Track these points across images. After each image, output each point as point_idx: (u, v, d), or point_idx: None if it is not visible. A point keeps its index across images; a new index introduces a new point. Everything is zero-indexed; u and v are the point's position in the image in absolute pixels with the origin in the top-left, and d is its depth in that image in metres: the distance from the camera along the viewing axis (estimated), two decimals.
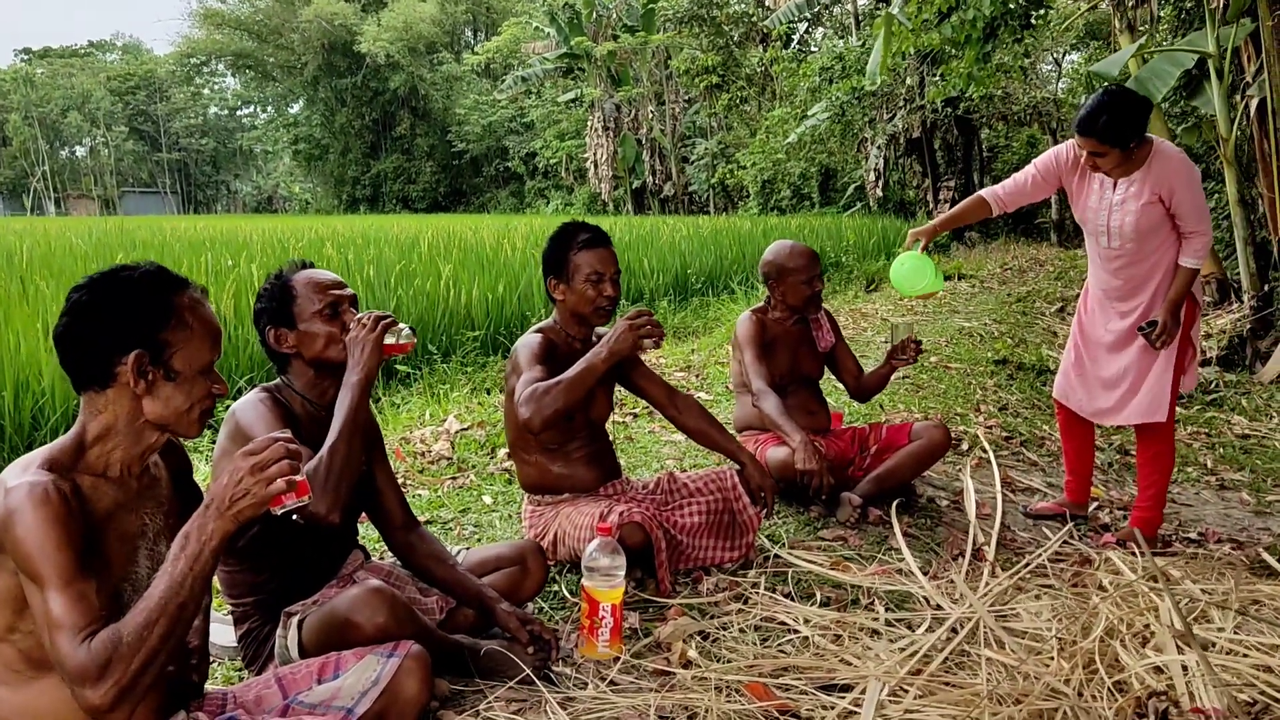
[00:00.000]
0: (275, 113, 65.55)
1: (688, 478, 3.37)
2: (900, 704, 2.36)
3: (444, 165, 52.08)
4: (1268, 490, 4.90)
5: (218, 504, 1.67)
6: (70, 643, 1.58)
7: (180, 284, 1.81)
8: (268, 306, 2.42)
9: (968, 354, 7.05)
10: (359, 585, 2.14)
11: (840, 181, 26.96)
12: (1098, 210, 3.69)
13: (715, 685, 2.42)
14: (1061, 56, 22.09)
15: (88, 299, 1.75)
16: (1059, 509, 4.15)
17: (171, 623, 1.62)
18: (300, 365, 2.42)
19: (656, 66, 32.95)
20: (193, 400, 1.79)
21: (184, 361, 1.77)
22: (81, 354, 1.76)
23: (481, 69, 47.18)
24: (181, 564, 1.65)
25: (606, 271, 3.07)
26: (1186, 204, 3.55)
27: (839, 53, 21.10)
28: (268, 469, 1.68)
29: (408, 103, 52.57)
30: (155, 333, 1.75)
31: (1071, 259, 13.92)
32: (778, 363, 3.91)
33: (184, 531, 1.68)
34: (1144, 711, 2.35)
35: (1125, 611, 2.83)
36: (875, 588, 3.08)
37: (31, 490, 1.63)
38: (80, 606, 1.60)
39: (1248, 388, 7.17)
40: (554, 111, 40.05)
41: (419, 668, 2.05)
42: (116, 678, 1.57)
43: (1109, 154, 3.49)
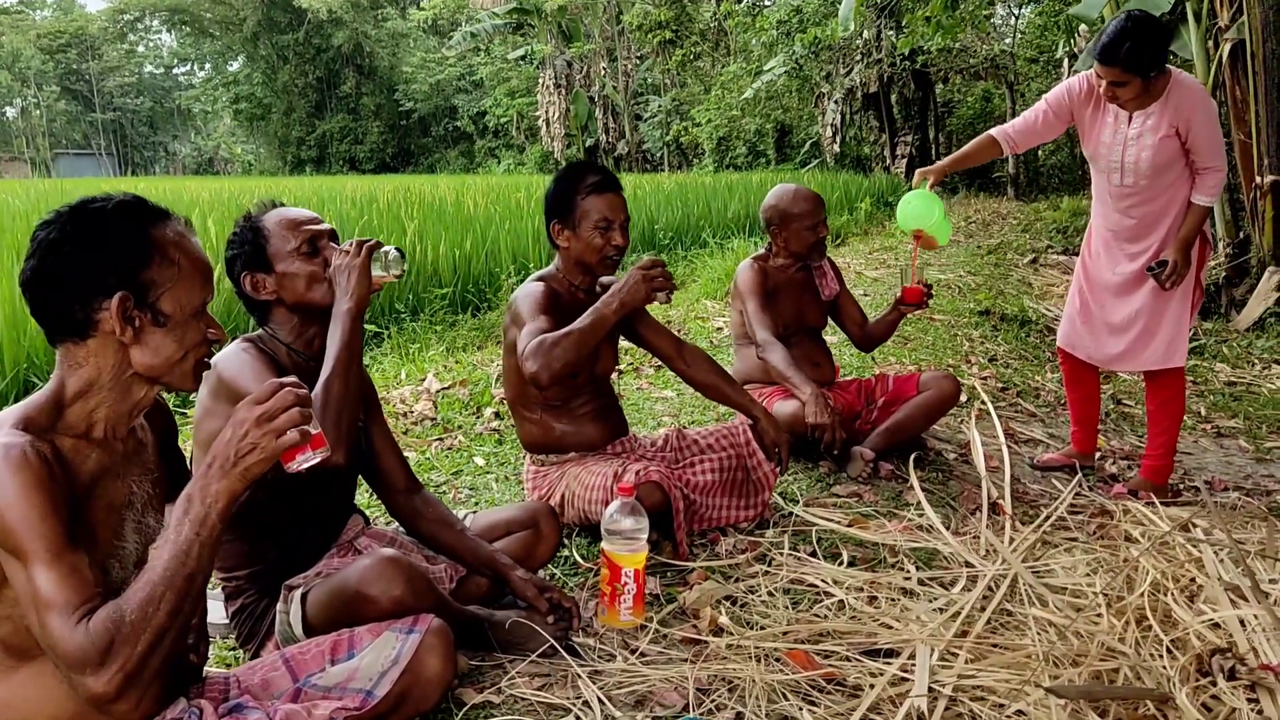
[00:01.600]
0: (213, 71, 63.73)
1: (697, 434, 3.19)
2: (951, 668, 2.22)
3: (391, 125, 51.10)
4: (1264, 437, 4.84)
5: (221, 461, 1.46)
6: (64, 624, 1.36)
7: (161, 215, 1.58)
8: (240, 252, 2.17)
9: (950, 305, 6.93)
10: (370, 554, 1.93)
11: (796, 138, 26.80)
12: (1111, 145, 3.53)
13: (752, 654, 2.25)
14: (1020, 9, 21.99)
15: (57, 236, 1.51)
16: (1067, 460, 4.05)
17: (180, 597, 1.42)
18: (283, 312, 2.18)
19: (608, 22, 32.44)
20: (186, 347, 1.57)
21: (173, 303, 1.54)
22: (55, 300, 1.52)
23: (428, 25, 46.12)
24: (186, 530, 1.44)
25: (616, 219, 2.85)
26: (1204, 137, 3.41)
27: (796, 5, 20.82)
28: (276, 419, 1.47)
29: (352, 60, 51.37)
30: (138, 271, 1.51)
31: (1035, 212, 13.90)
32: (781, 312, 3.73)
33: (185, 495, 1.47)
34: (1207, 669, 2.23)
35: (1168, 565, 2.71)
36: (900, 545, 2.93)
37: (7, 452, 1.40)
38: (73, 582, 1.39)
39: (1225, 335, 7.15)
40: (504, 69, 39.39)
41: (441, 644, 1.86)
42: (121, 662, 1.36)
43: (1130, 83, 3.31)
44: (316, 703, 1.72)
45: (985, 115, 24.93)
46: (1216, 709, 2.07)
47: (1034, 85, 23.22)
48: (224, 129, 66.64)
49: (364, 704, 1.75)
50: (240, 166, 62.23)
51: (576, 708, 2.03)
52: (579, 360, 2.64)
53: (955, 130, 25.86)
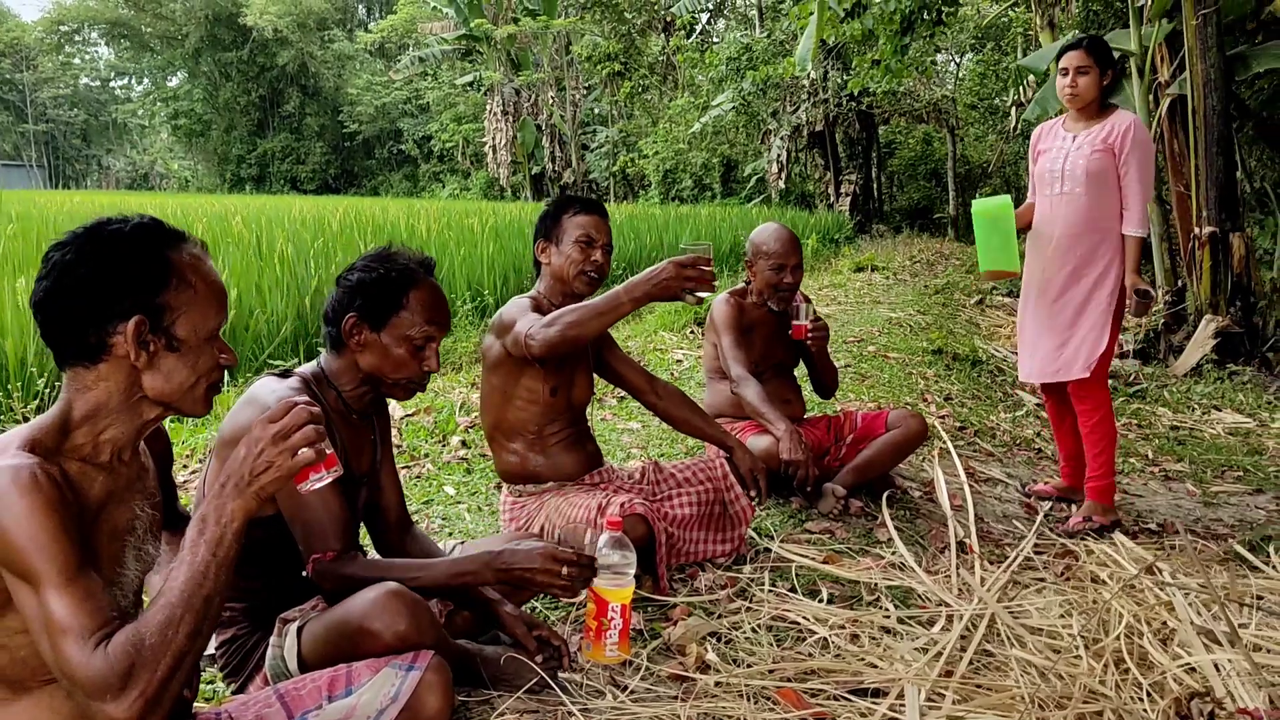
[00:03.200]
0: (152, 85, 62.61)
1: (674, 467, 3.18)
2: (939, 709, 2.23)
3: (334, 146, 50.63)
4: (1210, 481, 4.96)
5: (236, 480, 1.44)
6: (81, 650, 1.32)
7: (177, 237, 1.55)
8: (367, 298, 2.12)
9: (903, 344, 7.03)
10: (374, 588, 1.88)
11: (742, 173, 27.09)
12: (1055, 157, 3.88)
13: (741, 692, 2.24)
14: (960, 57, 22.57)
15: (72, 258, 1.47)
16: (1054, 492, 4.29)
17: (198, 619, 1.38)
18: (352, 363, 2.16)
19: (557, 52, 32.57)
20: (199, 373, 1.54)
21: (189, 328, 1.51)
22: (68, 323, 1.48)
23: (375, 49, 45.94)
24: (202, 551, 1.41)
25: (598, 238, 2.87)
26: (1134, 162, 3.74)
27: (746, 43, 21.12)
28: (291, 437, 1.46)
29: (297, 80, 50.89)
30: (154, 295, 1.48)
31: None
32: (754, 349, 3.76)
33: (199, 516, 1.44)
34: (1186, 713, 2.27)
35: (1138, 608, 2.76)
36: (877, 583, 2.95)
37: (16, 475, 1.35)
38: (88, 606, 1.35)
39: (1165, 380, 7.34)
40: (451, 94, 39.32)
41: (440, 681, 1.82)
42: (142, 687, 1.32)
43: (1092, 72, 3.74)
44: None
45: (926, 157, 25.48)
46: None
47: (973, 130, 23.84)
48: (161, 144, 65.42)
49: None
50: (177, 183, 61.09)
51: None
52: (582, 335, 2.57)
53: (896, 171, 26.38)
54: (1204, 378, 7.17)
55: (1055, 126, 3.98)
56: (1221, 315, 7.51)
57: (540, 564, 2.07)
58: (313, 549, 1.99)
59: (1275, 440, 5.67)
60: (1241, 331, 7.49)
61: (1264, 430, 5.91)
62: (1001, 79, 20.21)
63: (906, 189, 25.98)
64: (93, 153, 72.47)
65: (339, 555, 2.00)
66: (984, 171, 23.89)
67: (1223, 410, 6.39)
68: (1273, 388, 6.96)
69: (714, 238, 13.23)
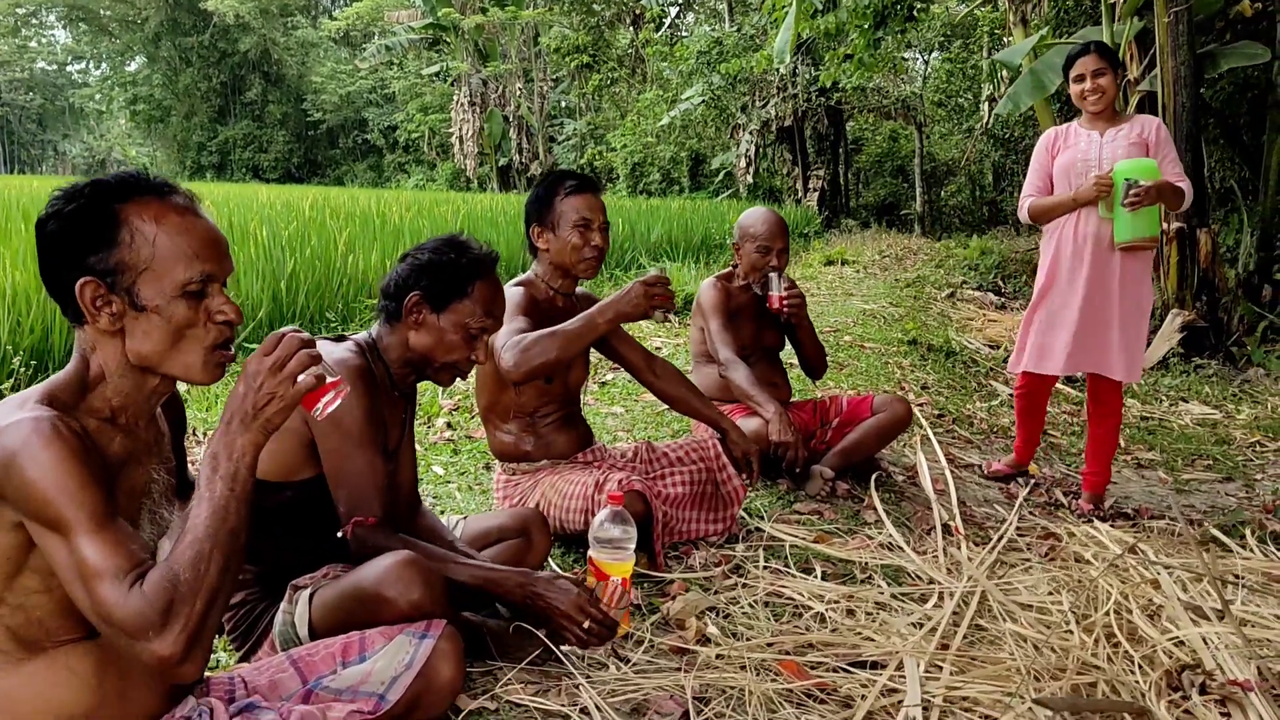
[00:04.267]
0: (110, 70, 61.55)
1: (667, 447, 3.19)
2: (938, 680, 2.26)
3: (298, 135, 50.09)
4: (1181, 469, 5.05)
5: (241, 416, 1.43)
6: (118, 590, 1.31)
7: (130, 189, 1.45)
8: (434, 280, 2.13)
9: (878, 334, 7.09)
10: (389, 556, 1.87)
11: (710, 167, 27.15)
12: (1087, 150, 3.92)
13: (743, 663, 2.26)
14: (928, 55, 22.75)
15: (44, 214, 1.44)
16: (1011, 469, 4.48)
17: (226, 554, 1.38)
18: (404, 340, 2.16)
19: (525, 43, 32.45)
20: (178, 334, 1.45)
21: (153, 287, 1.42)
22: (49, 283, 1.47)
23: (340, 36, 45.49)
24: (219, 487, 1.40)
25: (595, 219, 2.86)
26: (1167, 150, 3.84)
27: (717, 37, 21.16)
28: (287, 365, 1.44)
29: (259, 67, 50.25)
30: (104, 255, 1.41)
31: (945, 249, 14.33)
32: (742, 332, 3.77)
33: (210, 454, 1.42)
34: (1178, 684, 2.31)
35: (1124, 585, 2.81)
36: (867, 562, 2.98)
37: (38, 425, 1.33)
38: (121, 550, 1.33)
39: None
40: (417, 84, 39.04)
41: (453, 650, 1.81)
42: (184, 621, 1.32)
43: (1108, 73, 3.81)
44: (330, 705, 1.67)
45: (892, 154, 25.67)
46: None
47: (939, 128, 24.05)
48: (119, 130, 64.35)
49: (377, 708, 1.70)
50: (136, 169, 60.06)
51: (574, 715, 2.01)
52: (560, 361, 2.67)
53: (863, 167, 26.55)
54: (1170, 370, 7.29)
55: (1071, 128, 4.02)
56: (1188, 310, 7.64)
57: (568, 608, 2.07)
58: (355, 512, 1.99)
59: (1242, 431, 5.78)
60: (1207, 326, 7.63)
61: (1230, 421, 6.03)
62: (969, 77, 20.42)
63: (873, 185, 26.17)
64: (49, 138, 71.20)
65: (380, 523, 2.00)
66: (949, 170, 24.13)
67: (1190, 402, 6.51)
68: (1237, 381, 7.10)
69: (684, 230, 13.26)
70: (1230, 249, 9.23)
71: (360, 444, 2.00)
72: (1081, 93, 3.87)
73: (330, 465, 2.00)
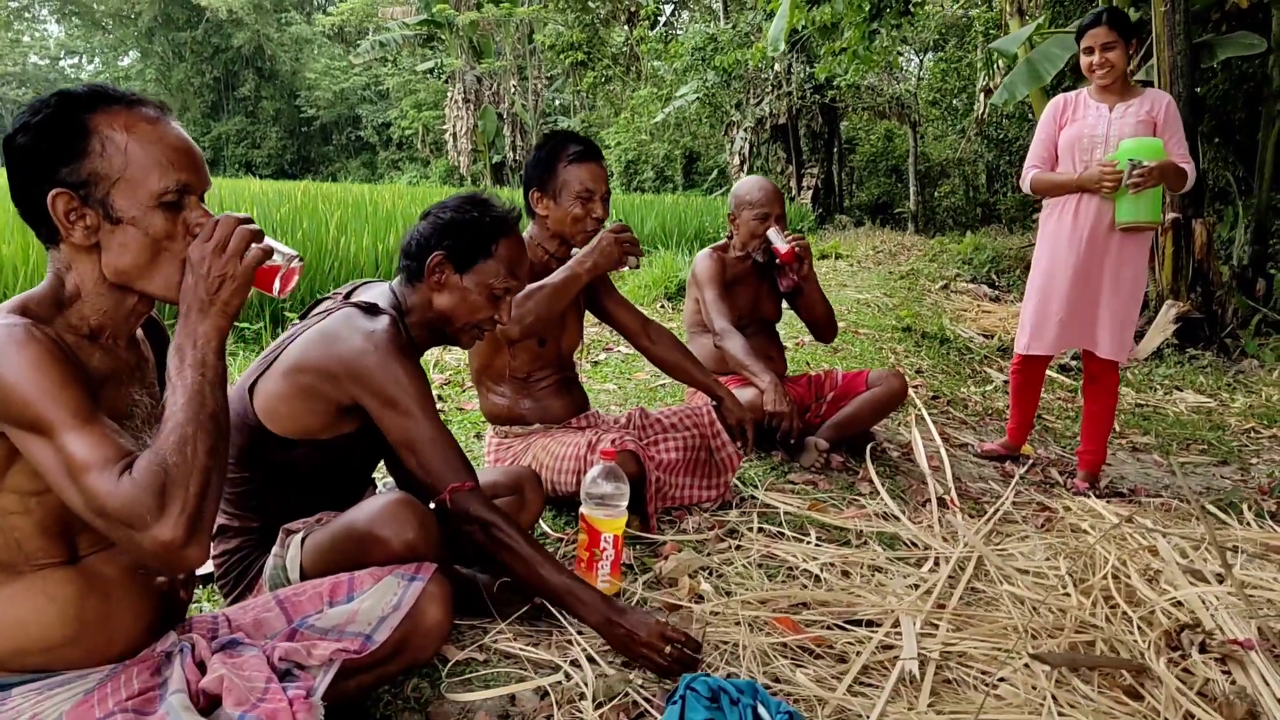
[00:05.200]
0: (103, 65, 61.29)
1: (661, 414, 3.15)
2: (934, 637, 2.22)
3: (291, 131, 49.91)
4: (1176, 453, 5.03)
5: (197, 306, 1.38)
6: (108, 479, 1.26)
7: (103, 99, 1.40)
8: (457, 239, 2.06)
9: (873, 321, 7.06)
10: (382, 497, 1.83)
11: (704, 165, 27.12)
12: (1095, 123, 3.85)
13: (737, 620, 2.22)
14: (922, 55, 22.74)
15: (9, 134, 1.39)
16: (1004, 450, 4.42)
17: (211, 436, 1.34)
18: (425, 300, 2.09)
19: (520, 40, 32.38)
20: (157, 246, 1.40)
21: (126, 195, 1.38)
22: (20, 203, 1.42)
23: (334, 32, 45.32)
24: (190, 374, 1.36)
25: (598, 189, 2.82)
26: (1174, 129, 3.78)
27: (711, 33, 21.14)
28: (230, 244, 1.39)
29: (253, 63, 50.07)
30: (74, 165, 1.36)
31: (940, 244, 14.30)
32: (737, 303, 3.73)
33: (175, 346, 1.38)
34: (1177, 644, 2.28)
35: (1124, 552, 2.77)
36: (862, 529, 2.94)
37: (10, 331, 1.29)
38: (108, 442, 1.29)
39: (1126, 363, 7.43)
40: (411, 81, 38.91)
41: (442, 593, 1.77)
42: (180, 503, 1.27)
43: (1118, 46, 3.75)
44: (315, 643, 1.62)
45: (887, 153, 25.66)
46: (1189, 681, 2.12)
47: (932, 129, 24.04)
48: None
49: (363, 648, 1.66)
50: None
51: (566, 665, 1.96)
52: (550, 315, 2.68)
53: (857, 166, 26.54)
54: (1165, 361, 7.27)
55: (1080, 97, 3.95)
56: (1182, 301, 7.61)
57: (650, 636, 1.94)
58: (448, 479, 1.90)
59: (1237, 418, 5.76)
60: (1202, 317, 7.61)
61: (1225, 410, 6.01)
62: (963, 76, 20.41)
63: (867, 184, 26.14)
64: None
65: (477, 488, 1.93)
66: (943, 170, 24.14)
67: (1184, 391, 6.49)
68: (1231, 371, 7.08)
69: (678, 224, 13.25)
70: (1224, 243, 9.22)
71: (425, 411, 1.91)
72: (1090, 65, 3.82)
73: (402, 438, 1.90)
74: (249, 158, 49.81)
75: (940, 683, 2.06)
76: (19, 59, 67.73)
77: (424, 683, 1.90)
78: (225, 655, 1.55)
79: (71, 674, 1.45)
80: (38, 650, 1.42)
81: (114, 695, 1.44)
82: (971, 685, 2.05)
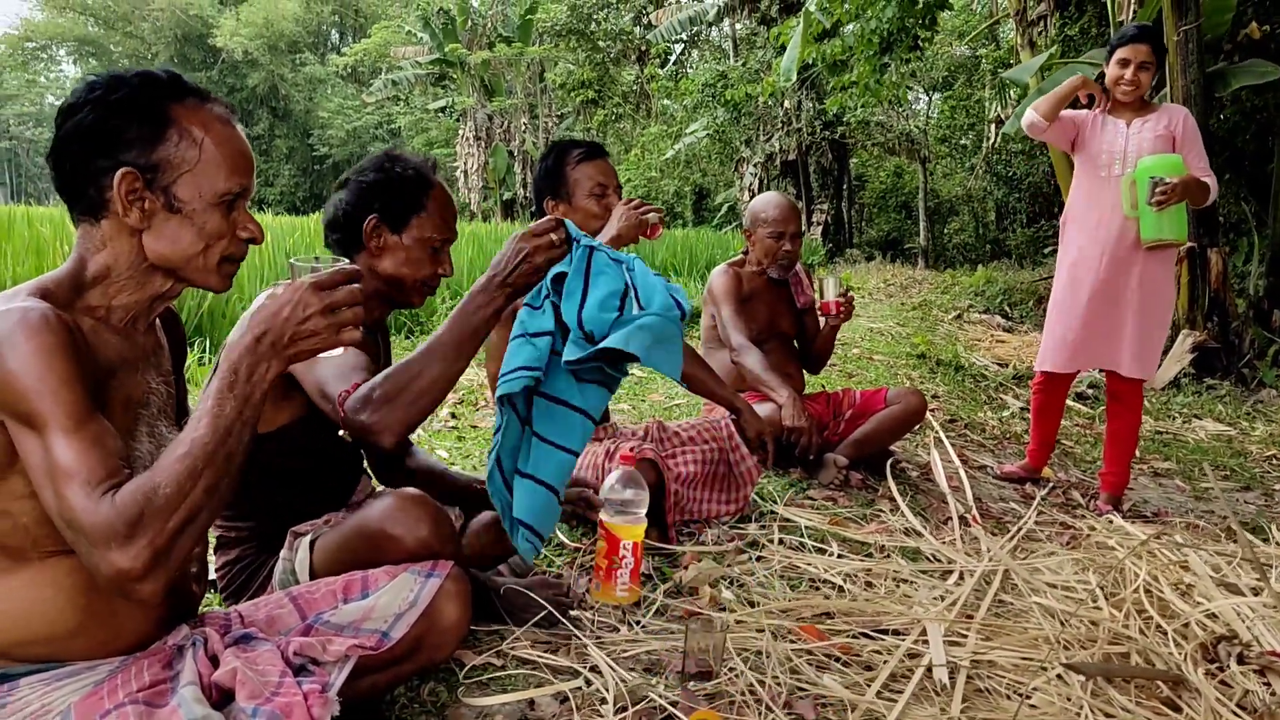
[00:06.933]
0: None
1: (679, 426, 3.10)
2: (963, 646, 2.16)
3: (304, 169, 50.27)
4: (1198, 479, 4.95)
5: (275, 339, 1.33)
6: (87, 496, 1.22)
7: (184, 91, 1.43)
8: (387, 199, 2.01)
9: (888, 348, 7.02)
10: (392, 493, 1.78)
11: (714, 201, 27.21)
12: (1114, 138, 3.83)
13: (760, 628, 2.16)
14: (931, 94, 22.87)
15: (74, 101, 1.39)
16: (1024, 473, 4.35)
17: (218, 475, 1.28)
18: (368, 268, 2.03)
19: (531, 79, 32.63)
20: (207, 239, 1.41)
21: (191, 189, 1.39)
22: (67, 173, 1.40)
23: (348, 72, 45.83)
24: (230, 407, 1.30)
25: (610, 183, 2.81)
26: (1193, 143, 3.76)
27: (722, 70, 21.29)
28: (341, 312, 1.36)
29: (267, 102, 50.57)
30: (149, 150, 1.37)
31: (951, 277, 14.27)
32: (755, 318, 3.70)
33: (229, 367, 1.33)
34: (1214, 655, 2.21)
35: (1154, 567, 2.71)
36: (884, 544, 2.88)
37: (25, 315, 1.25)
38: (96, 454, 1.24)
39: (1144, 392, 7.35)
40: (423, 119, 39.23)
41: (459, 591, 1.72)
42: (151, 536, 1.22)
43: (1151, 67, 3.73)
44: (330, 638, 1.57)
45: (896, 190, 25.71)
46: (1228, 693, 2.05)
47: (941, 166, 24.11)
48: None
49: (380, 645, 1.61)
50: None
51: (585, 672, 1.91)
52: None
53: (867, 203, 26.59)
54: (1182, 390, 7.20)
55: (1094, 118, 3.90)
56: (1199, 330, 7.56)
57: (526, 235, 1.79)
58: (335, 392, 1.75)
59: (1258, 445, 5.68)
60: (1218, 347, 7.54)
61: (1245, 437, 5.93)
62: (972, 114, 20.49)
63: (877, 220, 26.17)
64: None
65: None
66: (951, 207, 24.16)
67: (1203, 419, 6.41)
68: (1250, 401, 7.00)
69: (689, 257, 13.26)
70: (1239, 275, 9.17)
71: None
72: (1119, 78, 3.77)
73: (305, 382, 1.81)
74: (262, 195, 50.08)
75: (971, 691, 2.00)
76: (36, 99, 68.52)
77: (440, 686, 1.85)
78: (238, 649, 1.50)
79: (80, 665, 1.41)
80: (44, 640, 1.38)
81: (124, 687, 1.39)
82: (1003, 694, 1.99)
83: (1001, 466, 4.46)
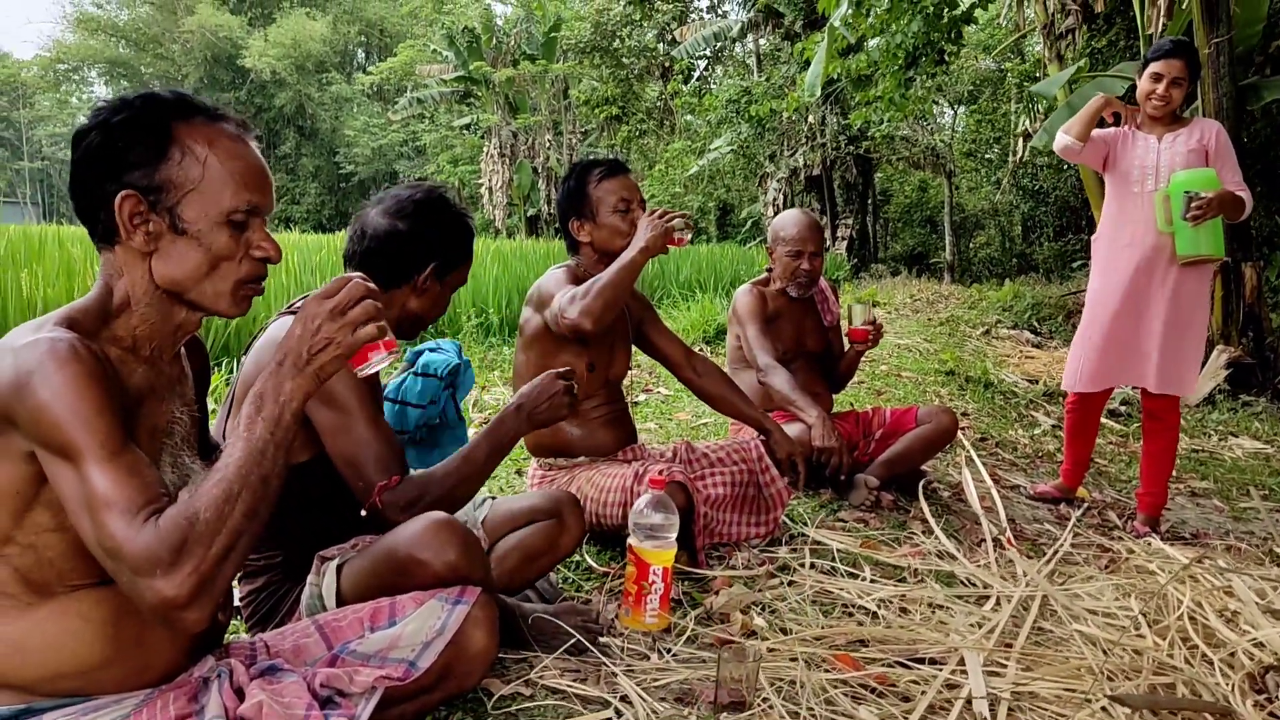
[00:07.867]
0: None
1: (707, 448, 3.06)
2: (1002, 676, 2.10)
3: (330, 187, 50.64)
4: (1236, 499, 4.86)
5: (294, 359, 1.33)
6: (128, 524, 1.19)
7: (190, 110, 1.39)
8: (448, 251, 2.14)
9: (916, 365, 6.94)
10: (421, 519, 1.75)
11: (738, 216, 27.19)
12: (1145, 153, 3.77)
13: (793, 656, 2.11)
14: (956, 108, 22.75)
15: (86, 125, 1.37)
16: (1058, 493, 4.26)
17: (255, 499, 1.26)
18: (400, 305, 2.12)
19: (555, 96, 32.77)
20: (215, 261, 1.38)
21: (197, 209, 1.36)
22: (79, 198, 1.39)
23: (373, 91, 46.19)
24: (260, 429, 1.29)
25: (633, 198, 2.79)
26: (1226, 157, 3.69)
27: (746, 86, 21.29)
28: (349, 312, 1.34)
29: (294, 121, 51.05)
30: (150, 170, 1.35)
31: (978, 292, 14.14)
32: (782, 337, 3.66)
33: (256, 393, 1.32)
34: (1261, 686, 2.15)
35: (1198, 593, 2.64)
36: (918, 567, 2.83)
37: (54, 346, 1.24)
38: (135, 481, 1.22)
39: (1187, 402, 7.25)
40: (448, 136, 39.44)
41: (488, 618, 1.69)
42: (195, 563, 1.20)
43: (1183, 86, 3.67)
44: (357, 669, 1.55)
45: (921, 204, 25.60)
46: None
47: (967, 180, 23.99)
48: None
49: (407, 675, 1.58)
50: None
51: (615, 702, 1.87)
52: (618, 303, 2.58)
53: (891, 217, 26.48)
54: (1217, 407, 7.09)
55: (1124, 135, 3.84)
56: (1233, 346, 7.44)
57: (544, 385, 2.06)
58: (375, 479, 1.80)
59: None
60: (1254, 363, 7.42)
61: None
62: (997, 128, 20.37)
63: (902, 235, 26.05)
64: None
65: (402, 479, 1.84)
66: (977, 221, 24.02)
67: (1239, 437, 6.30)
68: None
69: (714, 272, 13.23)
70: (1272, 289, 9.03)
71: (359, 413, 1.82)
72: (1150, 93, 3.70)
73: (331, 442, 1.83)
74: (288, 213, 50.50)
75: None
76: (67, 120, 69.42)
77: (469, 717, 1.81)
78: (264, 681, 1.48)
79: (106, 699, 1.39)
80: (73, 674, 1.36)
81: None
82: None
83: (1035, 486, 4.37)
